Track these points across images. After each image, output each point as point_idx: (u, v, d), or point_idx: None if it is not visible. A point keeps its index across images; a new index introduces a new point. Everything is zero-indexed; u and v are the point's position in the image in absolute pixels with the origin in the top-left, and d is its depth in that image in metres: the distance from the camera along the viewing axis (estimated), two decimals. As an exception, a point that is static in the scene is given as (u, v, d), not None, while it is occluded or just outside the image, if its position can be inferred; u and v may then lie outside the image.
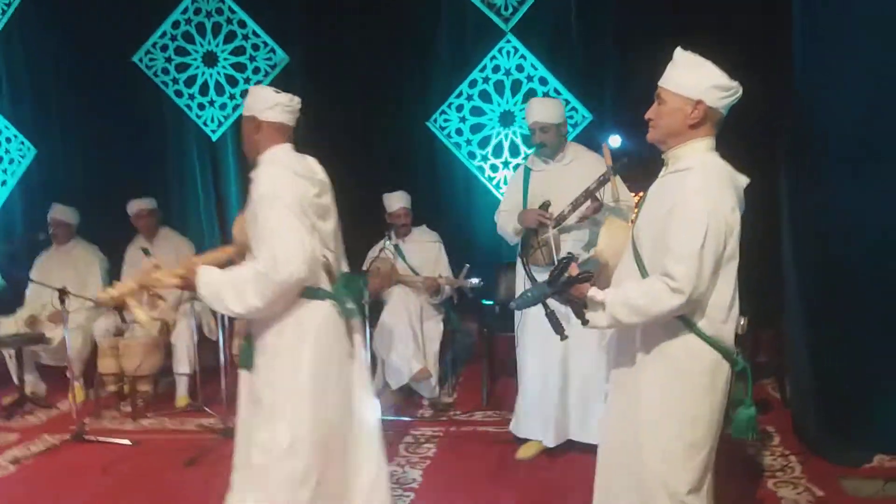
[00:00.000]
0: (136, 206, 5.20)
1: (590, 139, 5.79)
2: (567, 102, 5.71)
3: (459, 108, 6.08)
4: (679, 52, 2.11)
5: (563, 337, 2.13)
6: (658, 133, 2.13)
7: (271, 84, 6.17)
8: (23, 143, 6.60)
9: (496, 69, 6.00)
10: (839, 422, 3.48)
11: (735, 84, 2.07)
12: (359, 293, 2.61)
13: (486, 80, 6.03)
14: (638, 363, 2.15)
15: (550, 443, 3.57)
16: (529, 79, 5.96)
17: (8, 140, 6.61)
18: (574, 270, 2.08)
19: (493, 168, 6.07)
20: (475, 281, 4.54)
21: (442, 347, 4.69)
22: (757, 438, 2.37)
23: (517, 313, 3.64)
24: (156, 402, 4.83)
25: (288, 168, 2.48)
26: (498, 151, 6.05)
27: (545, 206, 3.38)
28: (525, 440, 3.72)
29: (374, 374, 4.53)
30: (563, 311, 2.13)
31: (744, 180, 2.13)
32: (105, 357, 4.60)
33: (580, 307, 2.09)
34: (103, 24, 6.14)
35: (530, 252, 3.48)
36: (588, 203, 3.28)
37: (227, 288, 2.36)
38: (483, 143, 6.07)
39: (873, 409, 3.39)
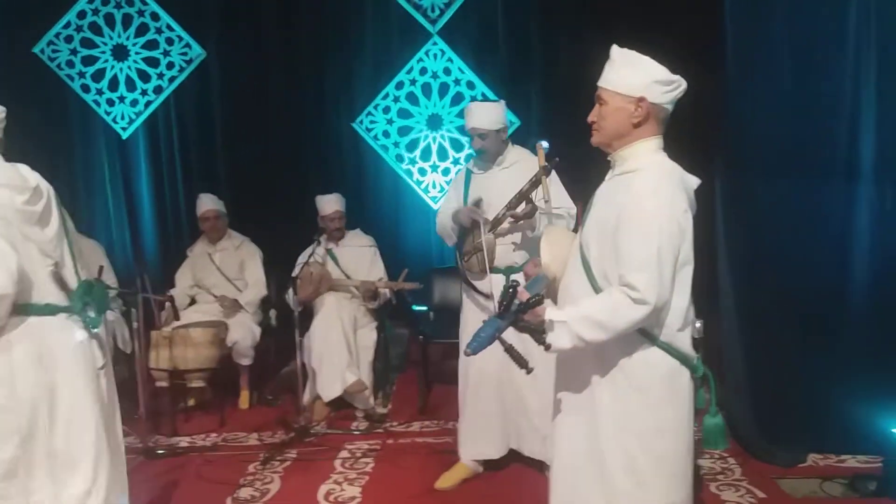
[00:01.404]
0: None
1: (519, 145, 5.82)
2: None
3: (386, 110, 5.95)
4: (615, 50, 2.04)
5: (529, 370, 2.03)
6: (602, 136, 2.06)
7: (188, 79, 5.96)
8: None
9: (423, 71, 5.91)
10: (772, 422, 3.56)
11: (677, 78, 2.01)
12: (102, 300, 2.40)
13: (413, 82, 5.93)
14: (592, 381, 2.05)
15: (494, 455, 3.47)
16: (457, 82, 5.90)
17: None
18: (524, 296, 1.97)
19: (422, 172, 5.97)
20: (415, 284, 4.42)
21: (375, 356, 4.54)
22: (726, 447, 2.31)
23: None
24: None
25: None
26: (426, 155, 5.96)
27: (477, 204, 3.29)
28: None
29: (305, 386, 4.34)
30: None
31: (694, 181, 2.07)
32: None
33: (539, 332, 1.98)
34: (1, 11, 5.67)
35: (465, 258, 3.37)
36: (522, 206, 3.18)
37: None
38: (411, 147, 5.96)
39: (804, 409, 3.48)
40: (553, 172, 3.21)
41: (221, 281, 4.76)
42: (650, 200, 1.92)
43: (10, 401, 2.21)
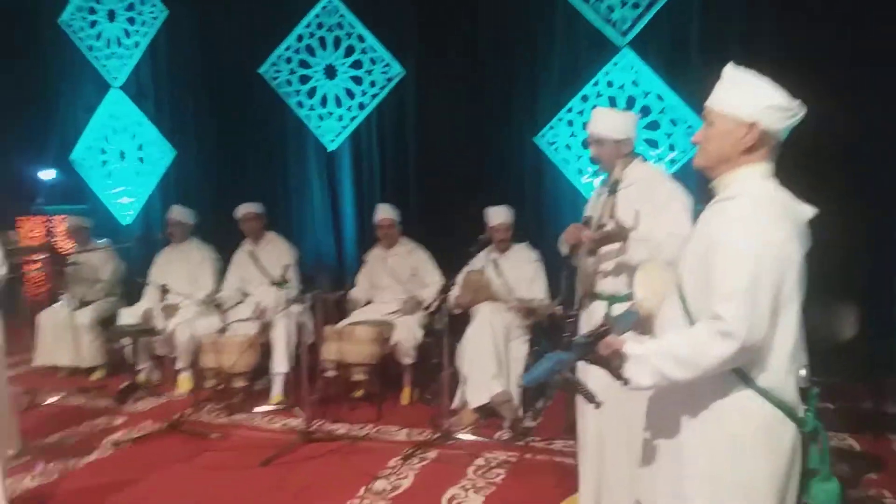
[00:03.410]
0: (242, 210, 5.46)
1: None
2: (688, 122, 5.44)
3: (570, 124, 5.92)
4: (729, 69, 1.89)
5: (598, 405, 1.90)
6: (705, 158, 1.91)
7: (388, 96, 6.43)
8: (163, 145, 7.13)
9: (610, 84, 5.79)
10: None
11: (796, 103, 1.83)
12: None
13: (598, 95, 5.83)
14: (681, 422, 1.88)
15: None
16: (645, 95, 5.70)
17: (151, 143, 7.17)
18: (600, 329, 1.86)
19: (603, 186, 5.85)
20: (559, 310, 4.36)
21: (526, 369, 4.55)
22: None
23: None
24: (252, 398, 5.04)
25: None
26: (608, 169, 5.82)
27: (586, 223, 3.06)
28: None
29: (455, 390, 4.49)
30: None
31: (807, 211, 1.86)
32: (206, 352, 4.84)
33: (616, 365, 1.85)
34: (235, 38, 6.56)
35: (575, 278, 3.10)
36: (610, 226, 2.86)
37: None
38: (595, 160, 5.85)
39: None
40: (669, 190, 2.91)
41: (394, 284, 5.07)
42: (742, 226, 1.75)
43: None
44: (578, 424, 3.07)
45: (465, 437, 4.24)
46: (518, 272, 4.75)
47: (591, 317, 2.92)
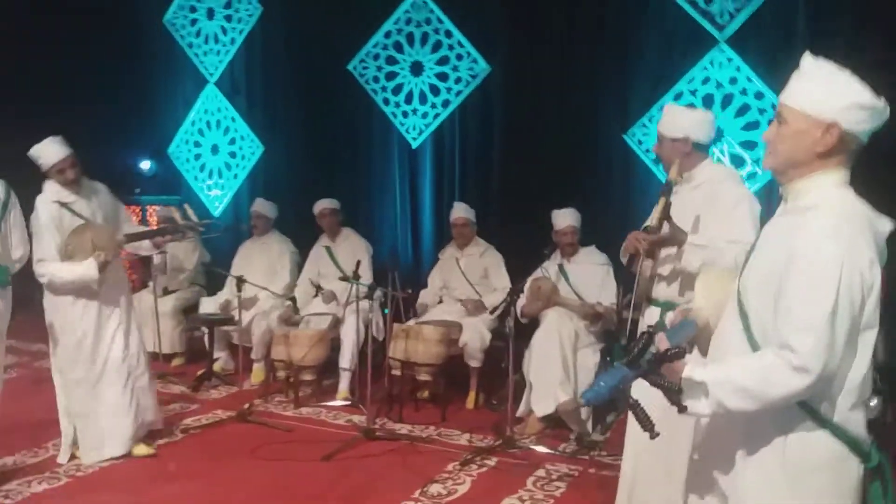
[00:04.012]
0: (320, 206, 5.50)
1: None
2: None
3: (662, 123, 5.62)
4: (808, 61, 1.66)
5: (654, 435, 1.70)
6: (776, 160, 1.69)
7: (472, 93, 6.32)
8: (253, 140, 7.31)
9: (706, 81, 5.47)
10: None
11: (881, 103, 1.60)
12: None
13: (693, 92, 5.52)
14: (737, 456, 1.70)
15: None
16: (744, 92, 5.35)
17: (242, 138, 7.37)
18: (663, 344, 1.65)
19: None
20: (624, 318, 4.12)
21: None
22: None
23: None
24: (320, 392, 5.05)
25: None
26: (701, 170, 5.50)
27: (646, 229, 2.84)
28: None
29: (522, 398, 4.33)
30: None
31: (887, 225, 1.64)
32: (277, 345, 4.88)
33: (674, 391, 1.66)
34: (325, 34, 6.62)
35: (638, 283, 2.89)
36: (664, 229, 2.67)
37: None
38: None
39: None
40: (736, 195, 2.71)
41: (464, 284, 4.96)
42: (828, 246, 1.54)
43: None
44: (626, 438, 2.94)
45: (528, 446, 4.07)
46: (587, 277, 4.54)
47: (647, 323, 2.77)
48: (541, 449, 4.04)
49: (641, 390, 1.67)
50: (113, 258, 3.76)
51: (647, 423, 1.70)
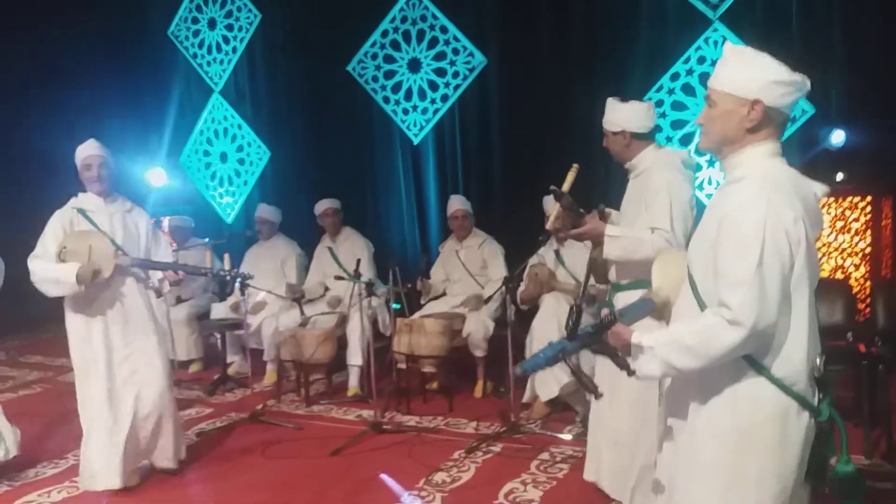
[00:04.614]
0: (321, 206, 5.56)
1: (812, 134, 5.06)
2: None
3: (660, 104, 5.61)
4: (728, 47, 1.82)
5: (598, 395, 1.98)
6: (709, 141, 1.83)
7: (470, 87, 6.35)
8: (260, 146, 7.42)
9: (701, 60, 5.45)
10: None
11: (798, 77, 1.73)
12: None
13: (689, 72, 5.51)
14: (692, 412, 1.82)
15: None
16: (739, 70, 5.31)
17: (249, 144, 7.49)
18: (603, 315, 1.84)
19: (698, 168, 5.49)
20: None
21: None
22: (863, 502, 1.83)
23: None
24: (330, 390, 5.13)
25: None
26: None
27: (601, 212, 2.96)
28: None
29: (526, 384, 4.37)
30: None
31: (819, 189, 1.78)
32: (286, 345, 4.96)
33: (620, 356, 1.82)
34: (323, 37, 6.71)
35: (596, 267, 3.14)
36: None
37: None
38: (686, 141, 5.55)
39: None
40: (661, 181, 2.80)
41: (465, 276, 5.01)
42: (749, 210, 1.68)
43: None
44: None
45: (534, 431, 4.11)
46: (580, 260, 4.54)
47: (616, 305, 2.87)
48: (543, 433, 4.09)
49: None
50: (106, 274, 3.48)
51: (589, 386, 1.94)
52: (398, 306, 5.13)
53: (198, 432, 4.53)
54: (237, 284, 5.71)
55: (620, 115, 2.97)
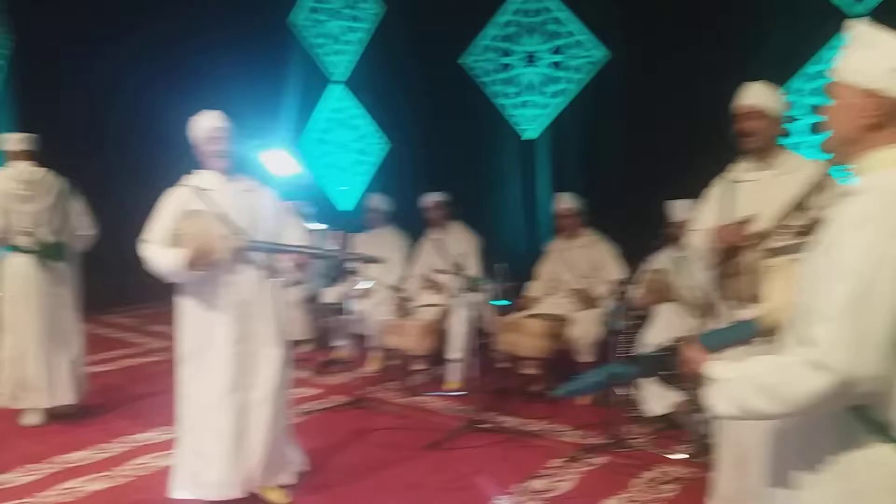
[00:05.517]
0: (428, 199, 5.57)
1: None
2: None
3: (792, 106, 5.22)
4: (854, 28, 1.49)
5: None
6: (829, 142, 1.52)
7: (591, 82, 6.15)
8: (379, 137, 7.50)
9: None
10: None
11: None
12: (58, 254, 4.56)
13: (822, 73, 5.08)
14: (799, 476, 1.51)
15: None
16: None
17: (368, 135, 7.58)
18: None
19: (833, 174, 5.10)
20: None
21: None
22: None
23: None
24: (430, 381, 5.12)
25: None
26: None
27: (747, 221, 2.67)
28: None
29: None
30: None
31: None
32: (389, 334, 4.99)
33: (691, 387, 1.56)
34: (444, 30, 6.67)
35: (727, 282, 2.76)
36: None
37: None
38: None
39: None
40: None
41: (573, 276, 4.85)
42: (856, 233, 1.35)
43: None
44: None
45: (638, 446, 3.92)
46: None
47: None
48: (651, 450, 3.88)
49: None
50: (221, 259, 3.14)
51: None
52: (502, 303, 5.05)
53: (306, 411, 4.63)
54: (348, 271, 5.84)
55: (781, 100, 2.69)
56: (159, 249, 3.18)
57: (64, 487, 3.57)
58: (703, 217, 3.03)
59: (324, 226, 6.30)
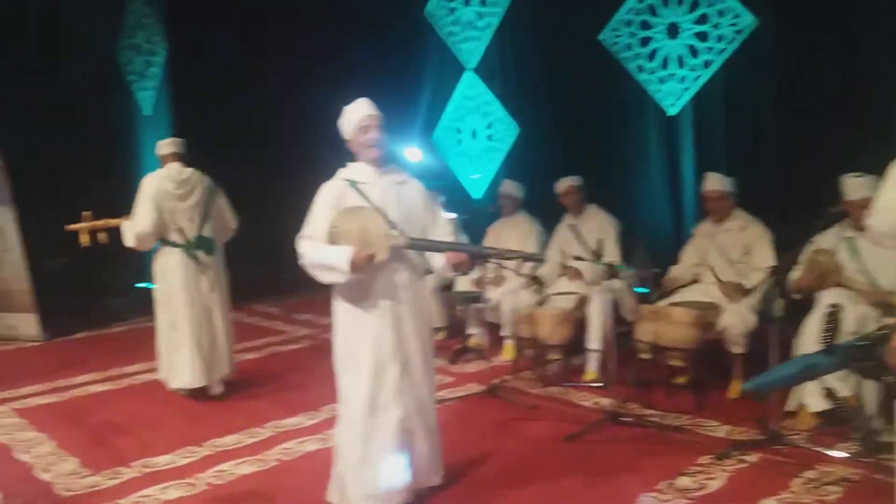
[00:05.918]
0: (562, 185, 5.40)
1: None
2: None
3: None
4: None
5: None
6: None
7: (738, 51, 5.71)
8: (510, 123, 7.39)
9: None
10: None
11: None
12: (207, 248, 4.95)
13: None
14: None
15: None
16: None
17: (499, 121, 7.49)
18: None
19: None
20: None
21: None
22: None
23: None
24: (567, 372, 4.97)
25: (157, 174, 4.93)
26: None
27: None
28: None
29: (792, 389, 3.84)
30: None
31: None
32: (523, 323, 4.88)
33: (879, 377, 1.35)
34: (575, 8, 6.45)
35: None
36: None
37: None
38: None
39: None
40: None
41: (722, 262, 4.52)
42: None
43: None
44: None
45: (798, 443, 3.59)
46: (882, 257, 3.82)
47: None
48: (812, 447, 3.53)
49: None
50: (382, 258, 2.97)
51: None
52: (644, 290, 4.81)
53: (438, 400, 4.62)
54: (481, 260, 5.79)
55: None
56: (319, 247, 3.02)
57: (217, 469, 3.76)
58: (888, 196, 2.63)
59: (453, 215, 6.31)
